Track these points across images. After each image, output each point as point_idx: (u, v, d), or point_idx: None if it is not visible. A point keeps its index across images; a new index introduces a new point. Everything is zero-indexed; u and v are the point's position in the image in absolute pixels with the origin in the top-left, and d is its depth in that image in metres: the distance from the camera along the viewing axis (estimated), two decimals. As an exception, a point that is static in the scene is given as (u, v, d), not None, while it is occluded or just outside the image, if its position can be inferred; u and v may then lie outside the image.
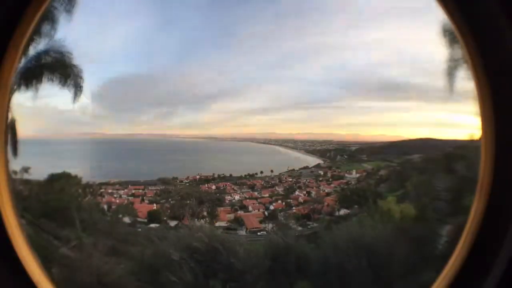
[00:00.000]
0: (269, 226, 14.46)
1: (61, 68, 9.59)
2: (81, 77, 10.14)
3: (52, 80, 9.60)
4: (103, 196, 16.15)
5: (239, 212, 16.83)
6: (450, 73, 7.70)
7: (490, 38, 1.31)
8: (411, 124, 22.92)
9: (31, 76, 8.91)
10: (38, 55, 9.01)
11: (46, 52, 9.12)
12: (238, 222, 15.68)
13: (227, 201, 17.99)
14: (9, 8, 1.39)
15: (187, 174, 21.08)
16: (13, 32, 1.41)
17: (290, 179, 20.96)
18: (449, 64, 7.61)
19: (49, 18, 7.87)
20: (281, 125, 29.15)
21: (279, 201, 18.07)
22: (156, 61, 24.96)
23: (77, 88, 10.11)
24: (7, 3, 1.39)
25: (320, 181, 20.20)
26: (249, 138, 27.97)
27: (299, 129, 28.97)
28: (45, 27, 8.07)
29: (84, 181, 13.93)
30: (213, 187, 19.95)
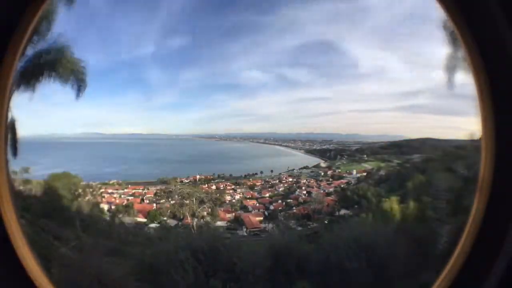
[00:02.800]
0: (269, 226, 14.46)
1: (60, 64, 9.24)
2: (83, 72, 9.78)
3: (52, 77, 9.25)
4: (103, 196, 16.15)
5: (239, 212, 16.83)
6: (451, 72, 7.70)
7: (490, 38, 1.31)
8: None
9: (29, 76, 8.68)
10: (36, 53, 8.74)
11: (44, 49, 8.81)
12: (238, 222, 15.68)
13: (227, 201, 17.99)
14: (9, 8, 1.39)
15: (187, 174, 21.10)
16: (13, 32, 1.41)
17: (290, 179, 20.96)
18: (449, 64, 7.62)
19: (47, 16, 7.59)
20: (281, 125, 29.22)
21: (279, 201, 18.07)
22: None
23: (80, 83, 9.75)
24: (7, 3, 1.40)
25: (320, 181, 20.19)
26: (249, 138, 27.99)
27: (299, 129, 28.97)
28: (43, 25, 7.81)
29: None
30: (213, 187, 19.94)
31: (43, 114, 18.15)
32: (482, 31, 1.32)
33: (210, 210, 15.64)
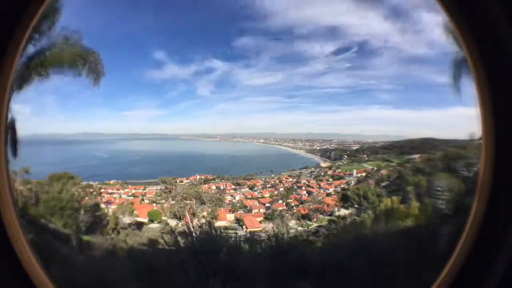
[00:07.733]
0: (269, 226, 14.45)
1: (71, 57, 8.94)
2: (98, 62, 9.51)
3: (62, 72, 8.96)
4: (103, 196, 16.13)
5: (239, 212, 16.83)
6: (455, 74, 7.67)
7: (490, 38, 1.31)
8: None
9: (32, 73, 8.48)
10: (41, 49, 8.48)
11: (50, 43, 8.57)
12: (238, 222, 15.68)
13: (227, 201, 17.99)
14: (9, 8, 1.39)
15: (187, 174, 21.09)
16: (13, 32, 1.41)
17: (290, 179, 20.96)
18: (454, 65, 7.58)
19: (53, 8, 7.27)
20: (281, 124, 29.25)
21: (279, 201, 18.08)
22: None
23: (96, 73, 9.48)
24: (7, 3, 1.40)
25: (320, 181, 20.19)
26: (249, 137, 28.00)
27: (300, 129, 28.99)
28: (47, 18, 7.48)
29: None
30: (213, 187, 19.93)
31: (44, 113, 18.15)
32: (482, 31, 1.31)
33: (210, 210, 15.65)
